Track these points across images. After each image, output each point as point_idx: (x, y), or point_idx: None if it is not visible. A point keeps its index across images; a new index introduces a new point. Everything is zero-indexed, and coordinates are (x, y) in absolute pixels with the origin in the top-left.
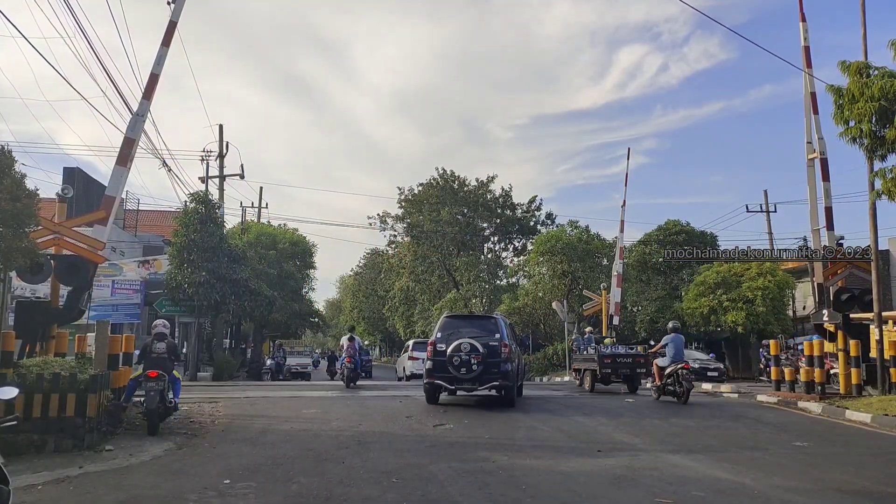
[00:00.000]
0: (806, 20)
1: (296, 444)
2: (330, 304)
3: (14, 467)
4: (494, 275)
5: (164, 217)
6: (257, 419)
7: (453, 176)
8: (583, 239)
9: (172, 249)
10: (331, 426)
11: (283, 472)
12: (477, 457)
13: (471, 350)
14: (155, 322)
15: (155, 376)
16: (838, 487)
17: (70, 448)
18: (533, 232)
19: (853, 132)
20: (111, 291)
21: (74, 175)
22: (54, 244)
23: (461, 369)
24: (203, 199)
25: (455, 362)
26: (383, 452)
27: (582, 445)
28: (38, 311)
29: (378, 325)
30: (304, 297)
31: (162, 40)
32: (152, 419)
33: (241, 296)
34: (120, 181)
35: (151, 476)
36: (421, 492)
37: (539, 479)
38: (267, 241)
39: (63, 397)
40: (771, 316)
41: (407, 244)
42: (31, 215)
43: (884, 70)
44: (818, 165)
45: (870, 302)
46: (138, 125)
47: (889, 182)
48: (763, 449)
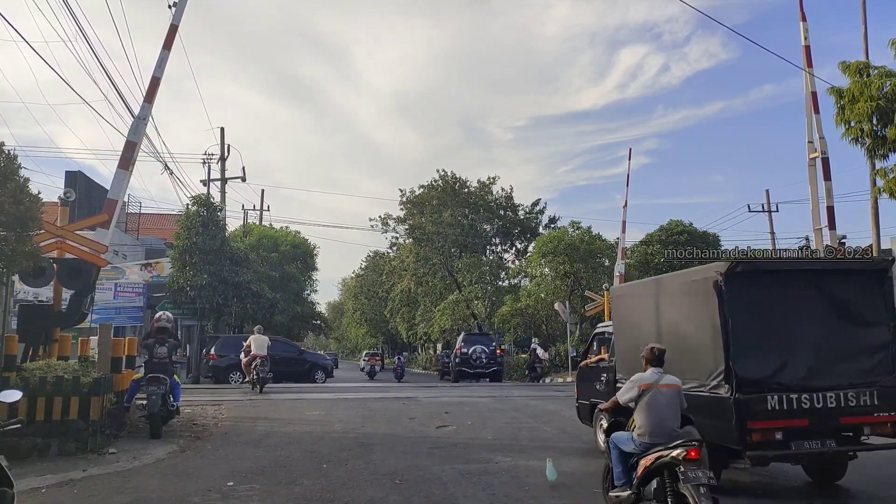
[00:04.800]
0: (806, 20)
1: (299, 447)
2: (332, 306)
3: (18, 471)
4: (496, 276)
5: (167, 220)
6: (260, 422)
7: (454, 178)
8: (584, 240)
9: (174, 252)
10: (333, 428)
11: (287, 475)
12: (480, 458)
13: (481, 352)
14: (158, 315)
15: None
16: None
17: (73, 451)
18: (535, 233)
19: (854, 132)
20: (114, 294)
21: (76, 179)
22: (57, 248)
23: (477, 362)
24: (205, 202)
25: (473, 358)
26: (386, 454)
27: (585, 446)
28: (41, 315)
29: (380, 327)
30: (305, 299)
31: (163, 43)
32: (155, 422)
33: (243, 298)
34: (122, 184)
35: (155, 479)
36: (424, 493)
37: (542, 480)
38: (269, 244)
39: (66, 400)
40: None
41: (408, 246)
42: (35, 219)
43: (883, 69)
44: (819, 165)
45: None
46: (140, 128)
47: (891, 181)
48: None
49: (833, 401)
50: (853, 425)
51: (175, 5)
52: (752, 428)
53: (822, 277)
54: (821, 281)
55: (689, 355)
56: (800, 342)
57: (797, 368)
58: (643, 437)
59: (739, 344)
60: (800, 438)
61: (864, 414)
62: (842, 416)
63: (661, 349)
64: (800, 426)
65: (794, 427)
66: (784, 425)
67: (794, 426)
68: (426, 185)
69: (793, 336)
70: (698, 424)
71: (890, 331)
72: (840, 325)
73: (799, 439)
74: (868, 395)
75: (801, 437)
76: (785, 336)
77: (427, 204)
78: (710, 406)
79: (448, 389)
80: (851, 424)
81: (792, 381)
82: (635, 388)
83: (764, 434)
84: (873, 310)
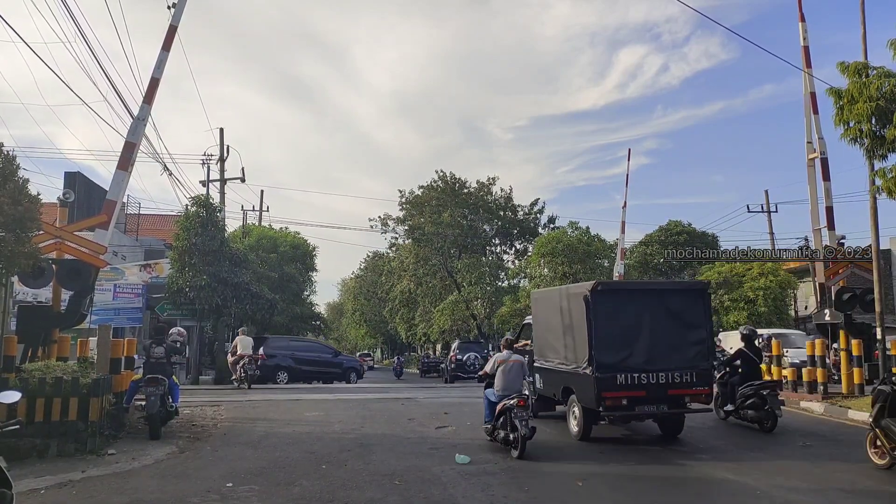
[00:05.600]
0: (805, 20)
1: (298, 447)
2: (331, 306)
3: (17, 472)
4: (496, 277)
5: (166, 221)
6: (259, 422)
7: (454, 178)
8: (584, 240)
9: (174, 253)
10: (333, 429)
11: (286, 475)
12: (479, 458)
13: (475, 359)
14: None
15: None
16: (841, 487)
17: (73, 452)
18: (534, 233)
19: (853, 133)
20: (113, 295)
21: (75, 179)
22: (56, 248)
23: (471, 367)
24: (204, 202)
25: (468, 364)
26: (385, 455)
27: (584, 447)
28: (40, 316)
29: (379, 328)
30: (305, 299)
31: (162, 44)
32: (154, 423)
33: (243, 299)
34: (121, 185)
35: (154, 479)
36: (424, 494)
37: (542, 481)
38: (268, 245)
39: (65, 401)
40: (773, 316)
41: (408, 246)
42: (34, 220)
43: (882, 70)
44: (819, 165)
45: (871, 301)
46: (139, 129)
47: (890, 181)
48: (765, 449)
49: (664, 378)
50: (678, 395)
51: (174, 6)
52: (605, 396)
53: (660, 294)
54: (659, 296)
55: (573, 345)
56: (642, 339)
57: (639, 356)
58: (499, 392)
59: (600, 339)
60: (640, 404)
61: (686, 388)
62: (669, 389)
63: (510, 339)
64: (639, 395)
65: (635, 396)
66: (628, 395)
67: (635, 395)
68: (425, 186)
69: (637, 334)
70: (577, 393)
71: (706, 332)
72: (671, 327)
73: (639, 405)
74: (689, 375)
75: (640, 403)
76: (632, 334)
77: (426, 204)
78: (582, 381)
79: (447, 390)
80: (677, 395)
81: (635, 365)
82: (494, 363)
83: (614, 401)
84: (695, 317)
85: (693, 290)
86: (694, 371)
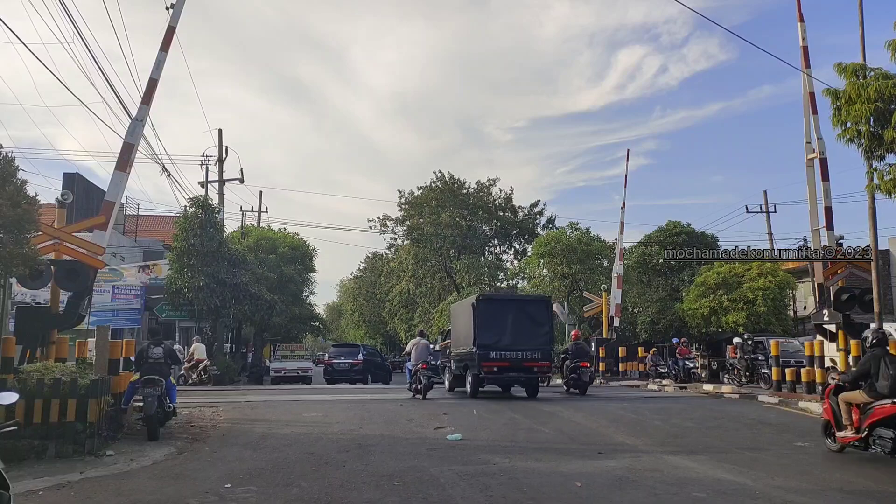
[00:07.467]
0: (804, 20)
1: (296, 449)
2: (330, 307)
3: (15, 473)
4: (495, 277)
5: (164, 222)
6: (258, 423)
7: (453, 179)
8: (583, 240)
9: (172, 254)
10: (331, 430)
11: (284, 477)
12: (478, 459)
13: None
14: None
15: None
16: (840, 487)
17: (71, 453)
18: (534, 234)
19: (850, 133)
20: (111, 296)
21: (74, 180)
22: (54, 250)
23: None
24: (203, 203)
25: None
26: (384, 456)
27: (583, 447)
28: (39, 317)
29: (378, 329)
30: (304, 300)
31: (161, 45)
32: (152, 424)
33: (242, 300)
34: (119, 186)
35: (152, 481)
36: (422, 495)
37: (540, 481)
38: (267, 245)
39: (64, 402)
40: (772, 316)
41: (407, 247)
42: (32, 221)
43: (879, 71)
44: (817, 165)
45: (870, 301)
46: (137, 130)
47: (888, 183)
48: (764, 449)
49: (521, 356)
50: (529, 366)
51: (172, 7)
52: (483, 366)
53: (520, 302)
54: (520, 304)
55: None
56: (508, 330)
57: (506, 341)
58: (413, 362)
59: (481, 331)
60: (506, 372)
61: (534, 362)
62: (524, 362)
63: (421, 331)
64: (505, 365)
65: (502, 366)
66: (498, 365)
67: (503, 366)
68: (425, 187)
69: (505, 327)
70: (469, 365)
71: (549, 327)
72: (528, 323)
73: (506, 372)
74: (537, 353)
75: (506, 371)
76: (501, 327)
77: (425, 205)
78: (472, 356)
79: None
80: (529, 366)
81: (503, 346)
82: (411, 345)
83: (489, 369)
84: (543, 318)
85: (542, 301)
86: (539, 351)
